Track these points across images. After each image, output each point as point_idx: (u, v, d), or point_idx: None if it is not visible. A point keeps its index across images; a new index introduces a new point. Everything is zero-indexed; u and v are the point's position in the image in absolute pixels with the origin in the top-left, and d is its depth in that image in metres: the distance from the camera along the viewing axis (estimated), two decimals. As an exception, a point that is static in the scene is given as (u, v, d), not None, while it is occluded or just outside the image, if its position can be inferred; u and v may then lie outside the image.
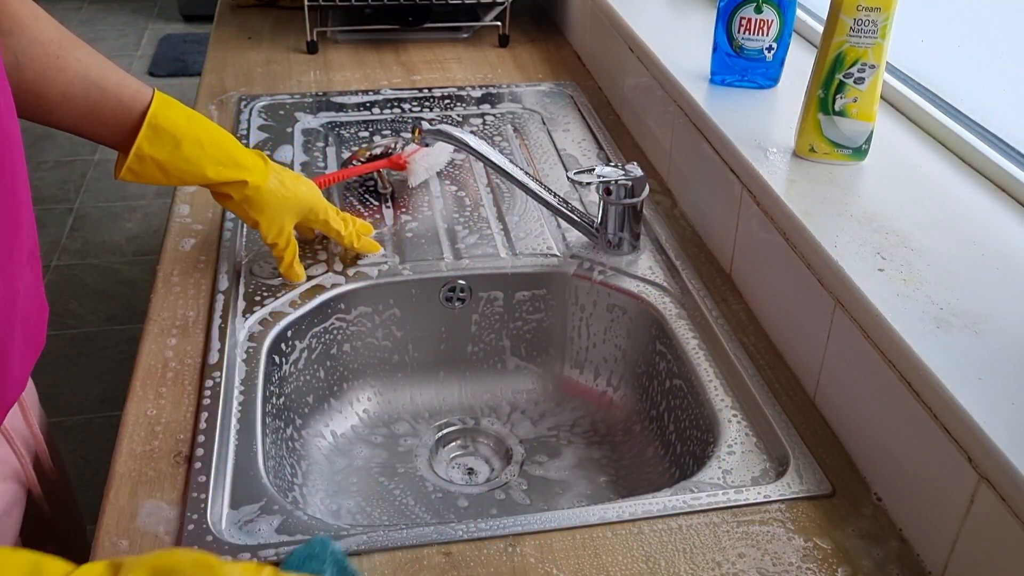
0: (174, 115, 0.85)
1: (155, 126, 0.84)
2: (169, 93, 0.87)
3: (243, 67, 1.50)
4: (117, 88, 0.83)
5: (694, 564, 0.68)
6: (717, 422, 0.83)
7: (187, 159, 0.86)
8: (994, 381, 0.65)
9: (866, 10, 0.86)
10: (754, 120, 1.02)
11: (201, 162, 0.87)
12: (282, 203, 0.93)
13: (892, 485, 0.73)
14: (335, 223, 0.98)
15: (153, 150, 0.84)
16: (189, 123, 0.86)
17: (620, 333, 1.02)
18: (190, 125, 0.86)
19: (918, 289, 0.75)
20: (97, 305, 2.37)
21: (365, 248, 1.02)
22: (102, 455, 1.89)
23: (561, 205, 1.02)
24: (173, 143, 0.85)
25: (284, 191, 0.93)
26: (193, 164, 0.86)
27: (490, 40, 1.64)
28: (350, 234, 1.00)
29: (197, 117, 0.88)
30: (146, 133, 0.83)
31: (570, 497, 0.94)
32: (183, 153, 0.85)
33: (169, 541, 0.69)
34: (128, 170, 0.85)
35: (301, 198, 0.95)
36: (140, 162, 0.84)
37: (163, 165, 0.85)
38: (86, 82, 0.81)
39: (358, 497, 0.93)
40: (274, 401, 0.90)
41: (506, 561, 0.69)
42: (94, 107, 0.82)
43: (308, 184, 0.97)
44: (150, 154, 0.84)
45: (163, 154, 0.85)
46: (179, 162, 0.86)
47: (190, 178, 0.88)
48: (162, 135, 0.84)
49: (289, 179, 0.94)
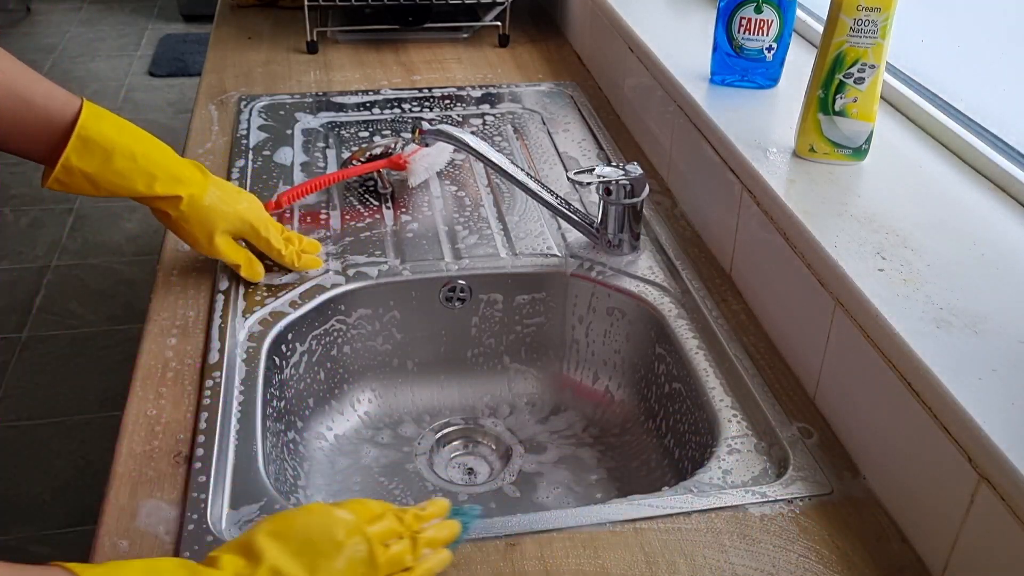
0: (105, 126, 0.82)
1: (85, 138, 0.81)
2: (169, 93, 0.86)
3: (243, 67, 1.50)
4: (44, 100, 0.79)
5: (694, 564, 0.68)
6: (717, 422, 0.83)
7: (118, 172, 0.83)
8: (994, 381, 0.65)
9: (866, 10, 0.86)
10: (754, 120, 1.02)
11: (133, 175, 0.84)
12: (218, 217, 0.90)
13: (892, 485, 0.73)
14: (276, 242, 0.95)
15: (82, 163, 0.81)
16: (121, 135, 0.83)
17: (620, 333, 1.02)
18: (122, 137, 0.83)
19: (918, 289, 0.75)
20: (97, 305, 2.37)
21: (307, 266, 0.99)
22: (102, 455, 1.89)
23: (561, 205, 1.02)
24: (103, 156, 0.82)
25: (222, 206, 0.90)
26: (125, 177, 0.84)
27: (490, 40, 1.64)
28: (291, 253, 0.97)
29: (130, 128, 0.85)
30: (75, 145, 0.80)
31: (570, 497, 0.94)
32: (114, 166, 0.83)
33: (169, 541, 0.69)
34: (55, 180, 0.82)
35: (240, 215, 0.92)
36: (68, 174, 0.81)
37: (92, 178, 0.82)
38: (12, 95, 0.78)
39: (360, 496, 0.92)
40: (275, 404, 0.90)
41: (506, 561, 0.69)
42: (21, 121, 0.79)
43: (250, 200, 0.94)
44: (79, 167, 0.81)
45: (92, 167, 0.82)
46: (110, 175, 0.83)
47: (122, 191, 0.85)
48: (92, 147, 0.81)
49: (229, 194, 0.92)
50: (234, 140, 1.26)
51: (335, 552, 0.59)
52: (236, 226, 0.93)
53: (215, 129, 1.30)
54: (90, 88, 3.49)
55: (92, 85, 3.53)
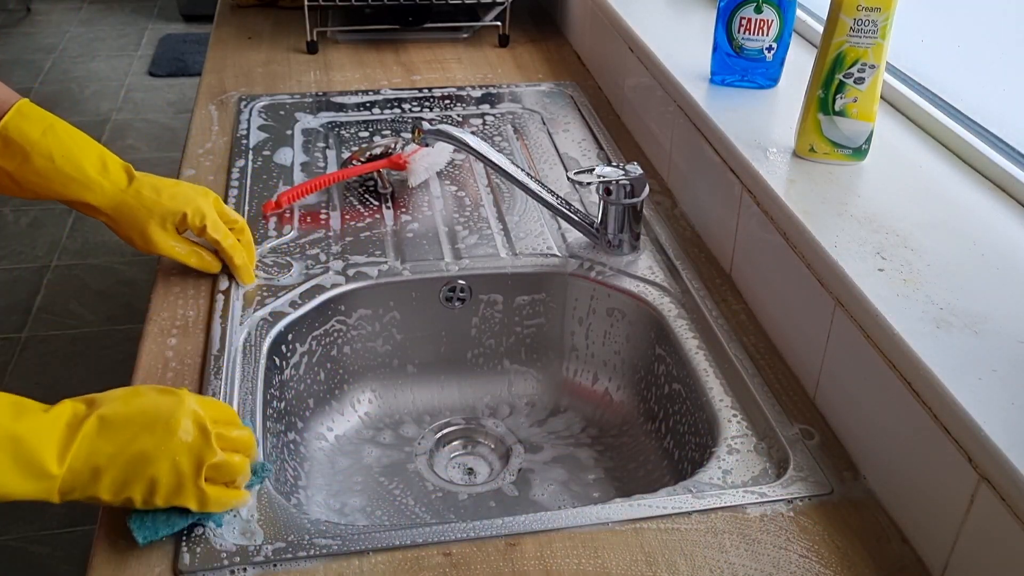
0: (27, 127, 0.83)
1: (5, 137, 0.81)
2: (169, 93, 0.87)
3: (243, 67, 1.50)
4: None
5: (694, 564, 0.68)
6: (717, 422, 0.83)
7: (37, 172, 0.84)
8: (994, 381, 0.65)
9: (866, 10, 0.86)
10: (754, 120, 1.02)
11: (50, 176, 0.84)
12: (148, 214, 0.90)
13: (892, 485, 0.73)
14: (213, 231, 0.93)
15: (3, 161, 0.82)
16: (44, 136, 0.84)
17: (620, 334, 1.02)
18: (44, 138, 0.84)
19: (918, 289, 0.75)
20: (97, 305, 2.37)
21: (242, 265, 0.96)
22: (102, 455, 1.89)
23: (561, 205, 1.02)
24: (22, 155, 0.83)
25: (148, 203, 0.90)
26: (43, 178, 0.84)
27: (490, 40, 1.64)
28: (231, 246, 0.95)
29: (57, 130, 0.85)
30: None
31: (570, 497, 0.94)
32: (33, 166, 0.83)
33: (169, 541, 0.69)
34: None
35: (168, 208, 0.91)
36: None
37: (13, 176, 0.83)
38: None
39: (360, 496, 0.93)
40: (275, 405, 0.90)
41: (506, 561, 0.69)
42: None
43: (186, 195, 0.92)
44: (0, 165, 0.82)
45: (12, 166, 0.83)
46: (30, 175, 0.84)
47: (43, 192, 0.85)
48: (11, 146, 0.82)
49: (158, 190, 0.91)
50: (234, 140, 1.26)
51: (165, 423, 0.67)
52: (168, 219, 0.91)
53: (215, 129, 1.30)
54: (90, 88, 3.49)
55: (92, 85, 3.53)
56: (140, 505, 0.67)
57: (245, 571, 0.67)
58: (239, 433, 0.71)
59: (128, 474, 0.65)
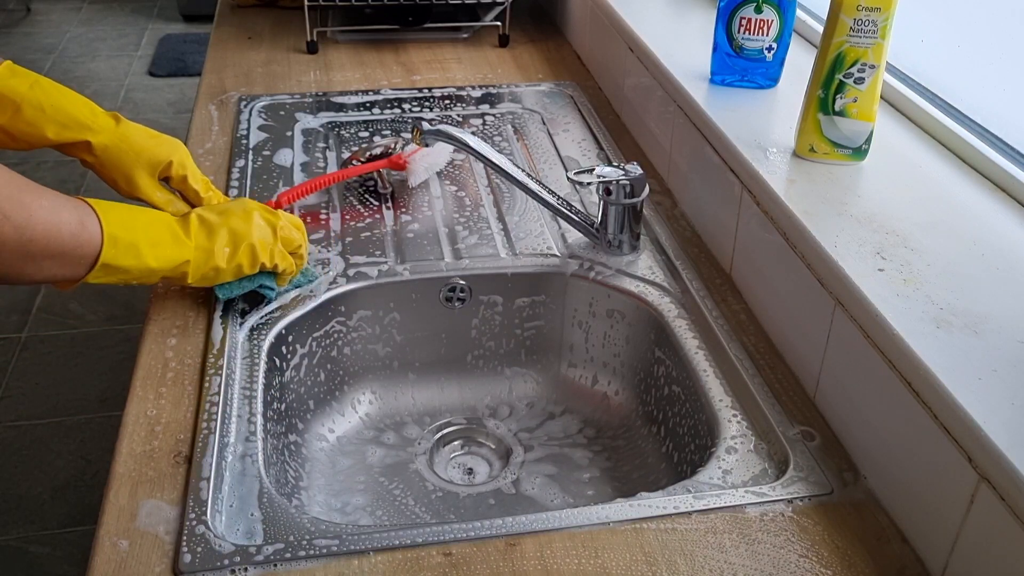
0: (15, 82, 0.89)
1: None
2: (169, 93, 0.88)
3: (243, 67, 1.50)
4: None
5: (694, 564, 0.68)
6: (717, 422, 0.83)
7: (28, 122, 0.90)
8: (994, 381, 0.65)
9: (866, 10, 0.86)
10: (754, 120, 1.02)
11: (41, 124, 0.90)
12: (135, 158, 0.94)
13: (892, 485, 0.73)
14: (193, 181, 0.98)
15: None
16: (32, 90, 0.90)
17: (620, 334, 1.02)
18: (32, 92, 0.90)
19: (918, 289, 0.75)
20: (97, 305, 2.37)
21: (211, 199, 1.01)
22: (102, 455, 1.89)
23: (561, 205, 1.02)
24: (13, 108, 0.89)
25: (137, 147, 0.94)
26: (35, 127, 0.90)
27: (490, 40, 1.64)
28: (209, 199, 0.99)
29: (44, 84, 0.91)
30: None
31: (570, 497, 0.94)
32: (24, 116, 0.89)
33: (169, 541, 0.69)
34: None
35: (156, 156, 0.95)
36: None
37: (6, 129, 0.90)
38: None
39: (362, 496, 0.93)
40: (275, 406, 0.90)
41: (506, 561, 0.69)
42: None
43: (170, 143, 0.97)
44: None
45: (4, 119, 0.89)
46: (22, 125, 0.90)
47: (35, 140, 0.91)
48: (2, 101, 0.88)
49: (145, 136, 0.95)
50: (234, 140, 1.26)
51: (244, 212, 0.89)
52: (154, 166, 0.95)
53: (215, 129, 1.30)
54: (90, 88, 3.49)
55: (92, 85, 3.53)
56: (248, 269, 0.89)
57: (246, 571, 0.67)
58: (289, 215, 0.93)
59: (232, 246, 0.87)
